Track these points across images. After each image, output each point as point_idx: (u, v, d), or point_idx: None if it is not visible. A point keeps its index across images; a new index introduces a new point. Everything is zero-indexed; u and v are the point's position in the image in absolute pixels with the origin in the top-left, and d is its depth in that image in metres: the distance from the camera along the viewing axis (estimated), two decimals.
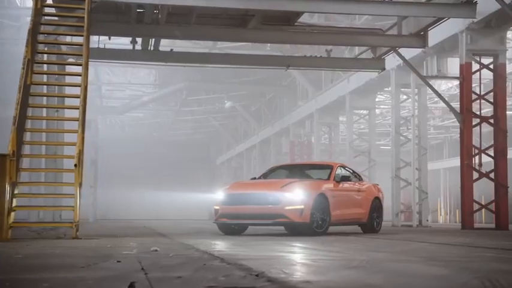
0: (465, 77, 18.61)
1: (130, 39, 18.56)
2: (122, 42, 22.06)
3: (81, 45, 11.34)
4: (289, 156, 36.23)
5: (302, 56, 19.59)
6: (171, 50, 19.16)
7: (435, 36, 19.96)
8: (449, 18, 16.91)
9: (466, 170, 18.48)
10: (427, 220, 23.70)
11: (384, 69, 20.18)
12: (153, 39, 18.11)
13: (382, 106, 35.89)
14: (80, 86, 10.68)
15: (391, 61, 22.30)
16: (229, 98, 42.00)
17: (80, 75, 10.81)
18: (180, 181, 52.61)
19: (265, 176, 14.55)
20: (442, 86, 31.70)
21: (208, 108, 46.39)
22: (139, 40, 18.56)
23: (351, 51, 23.27)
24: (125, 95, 44.48)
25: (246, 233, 13.41)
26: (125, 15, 16.87)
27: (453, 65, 20.89)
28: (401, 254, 7.13)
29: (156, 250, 6.80)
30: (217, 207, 12.88)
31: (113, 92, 44.96)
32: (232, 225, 13.09)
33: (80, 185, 9.97)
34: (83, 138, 10.33)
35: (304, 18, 25.52)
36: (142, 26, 16.80)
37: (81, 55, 11.11)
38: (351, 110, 28.96)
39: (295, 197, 12.16)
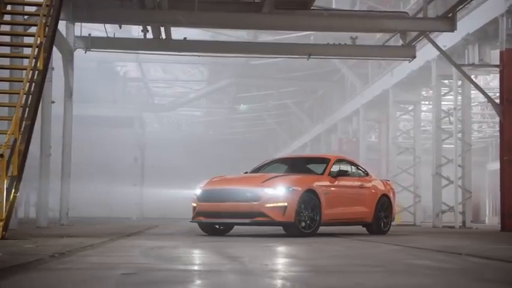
0: (505, 64, 17.17)
1: (141, 29, 17.79)
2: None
3: (35, 25, 10.37)
4: None
5: (324, 44, 18.17)
6: (185, 38, 18.18)
7: (475, 21, 18.46)
8: None
9: (507, 166, 16.93)
10: (471, 221, 21.90)
11: (415, 57, 18.60)
12: (163, 27, 17.25)
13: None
14: (25, 69, 9.69)
15: (432, 51, 20.73)
16: (279, 94, 40.73)
17: (28, 58, 9.84)
18: None
19: (258, 170, 13.13)
20: None
21: (261, 106, 45.20)
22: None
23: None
24: (175, 93, 43.88)
25: (231, 233, 12.17)
26: (129, 1, 16.18)
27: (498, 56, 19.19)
28: (317, 262, 5.75)
29: None
30: (194, 205, 11.63)
31: (165, 89, 44.44)
32: (215, 225, 11.87)
33: (15, 178, 8.94)
34: (26, 126, 9.33)
35: (345, 6, 24.15)
36: (145, 11, 16.04)
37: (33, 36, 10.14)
38: (395, 105, 27.21)
39: (278, 193, 10.80)
